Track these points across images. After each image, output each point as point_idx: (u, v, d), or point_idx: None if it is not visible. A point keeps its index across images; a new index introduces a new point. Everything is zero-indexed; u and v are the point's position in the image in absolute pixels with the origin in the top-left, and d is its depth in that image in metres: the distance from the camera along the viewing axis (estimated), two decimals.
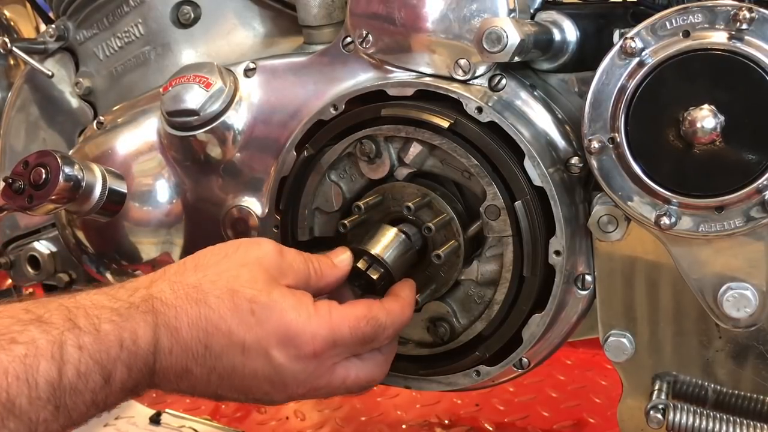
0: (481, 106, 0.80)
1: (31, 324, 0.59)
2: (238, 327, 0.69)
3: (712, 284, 0.78)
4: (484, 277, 0.86)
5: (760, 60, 0.71)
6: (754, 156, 0.73)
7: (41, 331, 0.59)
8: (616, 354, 0.84)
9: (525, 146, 0.79)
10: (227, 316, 0.69)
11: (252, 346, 0.70)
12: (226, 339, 0.69)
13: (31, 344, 0.57)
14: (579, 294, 0.84)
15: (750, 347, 0.80)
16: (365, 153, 0.85)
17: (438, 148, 0.82)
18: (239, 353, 0.69)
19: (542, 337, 0.85)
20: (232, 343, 0.69)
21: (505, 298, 0.84)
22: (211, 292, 0.70)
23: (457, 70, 0.83)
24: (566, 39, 0.84)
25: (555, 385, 1.45)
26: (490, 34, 0.77)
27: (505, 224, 0.81)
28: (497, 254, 0.84)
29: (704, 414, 0.78)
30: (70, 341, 0.60)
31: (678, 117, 0.73)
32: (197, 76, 0.93)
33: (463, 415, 1.39)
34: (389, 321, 0.76)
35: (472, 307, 0.87)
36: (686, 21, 0.73)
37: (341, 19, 0.91)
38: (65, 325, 0.60)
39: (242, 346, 0.69)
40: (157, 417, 1.40)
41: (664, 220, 0.76)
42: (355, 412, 1.42)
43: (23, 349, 0.57)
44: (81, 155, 1.00)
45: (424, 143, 0.84)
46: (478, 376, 0.87)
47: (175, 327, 0.67)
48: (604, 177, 0.78)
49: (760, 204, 0.73)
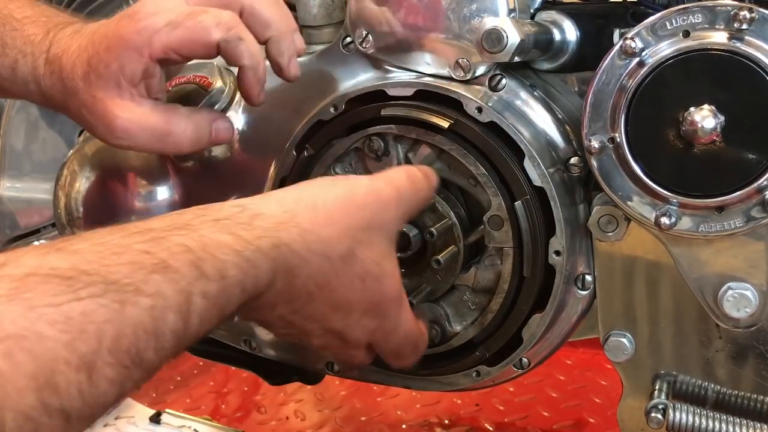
0: (481, 106, 0.80)
1: (155, 272, 0.54)
2: (344, 288, 0.70)
3: (713, 284, 0.78)
4: (480, 285, 0.86)
5: (760, 60, 0.71)
6: (754, 156, 0.73)
7: (167, 280, 0.54)
8: (616, 354, 0.84)
9: (525, 146, 0.79)
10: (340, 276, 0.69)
11: (343, 307, 0.71)
12: (328, 294, 0.69)
13: (157, 296, 0.53)
14: (579, 294, 0.84)
15: (750, 347, 0.80)
16: (373, 150, 0.85)
17: (446, 152, 0.82)
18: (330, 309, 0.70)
19: (542, 337, 0.85)
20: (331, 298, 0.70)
21: (500, 307, 0.83)
22: (337, 251, 0.69)
23: (457, 70, 0.83)
24: (566, 39, 0.84)
25: (555, 385, 1.45)
26: (491, 34, 0.77)
27: (507, 235, 0.81)
28: (496, 263, 0.84)
29: (704, 414, 0.78)
30: (197, 291, 0.56)
31: (678, 117, 0.73)
32: (197, 76, 0.93)
33: (463, 415, 1.39)
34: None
35: (466, 313, 0.87)
36: (686, 21, 0.73)
37: (341, 19, 0.91)
38: (192, 274, 0.56)
39: (336, 304, 0.70)
40: (157, 417, 1.40)
41: (664, 220, 0.76)
42: (355, 412, 1.42)
43: (150, 300, 0.52)
44: (81, 155, 1.00)
45: (433, 147, 0.84)
46: (478, 376, 0.87)
47: (294, 275, 0.66)
48: (604, 177, 0.78)
49: (760, 204, 0.74)
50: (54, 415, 0.45)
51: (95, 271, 0.51)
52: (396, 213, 0.74)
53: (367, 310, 0.73)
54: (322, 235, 0.68)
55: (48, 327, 0.46)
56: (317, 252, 0.67)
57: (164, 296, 0.54)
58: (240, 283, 0.60)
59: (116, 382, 0.49)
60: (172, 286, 0.54)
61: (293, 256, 0.65)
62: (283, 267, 0.64)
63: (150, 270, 0.54)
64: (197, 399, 1.54)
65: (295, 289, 0.66)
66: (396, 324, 0.76)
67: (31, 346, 0.45)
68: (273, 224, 0.65)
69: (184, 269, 0.56)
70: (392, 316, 0.76)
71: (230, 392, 1.55)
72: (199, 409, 1.49)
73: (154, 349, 0.53)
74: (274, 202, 0.68)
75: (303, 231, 0.66)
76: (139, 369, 0.51)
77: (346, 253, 0.69)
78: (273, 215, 0.66)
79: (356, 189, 0.72)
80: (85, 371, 0.47)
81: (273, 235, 0.64)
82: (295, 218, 0.67)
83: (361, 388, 1.46)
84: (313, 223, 0.67)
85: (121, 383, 0.50)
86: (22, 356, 0.44)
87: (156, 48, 0.77)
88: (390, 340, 0.77)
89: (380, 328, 0.75)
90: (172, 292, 0.54)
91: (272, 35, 0.81)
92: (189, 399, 1.55)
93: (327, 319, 0.71)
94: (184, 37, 0.77)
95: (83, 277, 0.50)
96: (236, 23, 0.78)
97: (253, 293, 0.62)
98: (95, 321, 0.48)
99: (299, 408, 1.44)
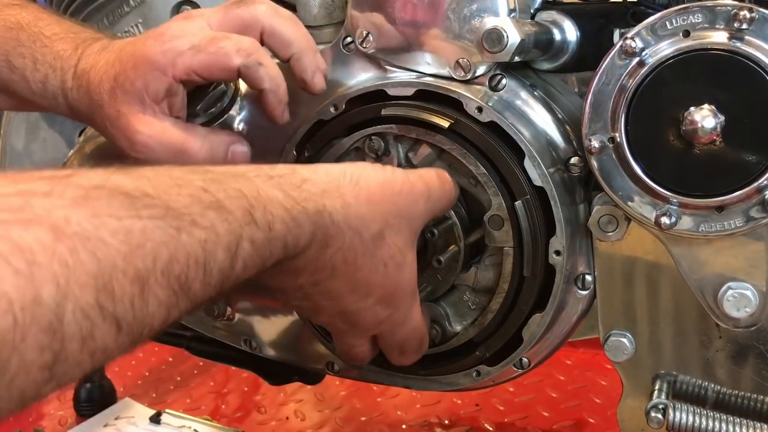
0: (481, 106, 0.80)
1: (211, 209, 0.56)
2: (367, 269, 0.72)
3: (713, 284, 0.78)
4: (480, 285, 0.86)
5: (760, 60, 0.71)
6: (754, 156, 0.73)
7: (221, 219, 0.57)
8: (616, 354, 0.84)
9: (525, 146, 0.79)
10: (367, 256, 0.71)
11: (362, 289, 0.73)
12: (351, 272, 0.71)
13: (210, 230, 0.55)
14: (579, 294, 0.84)
15: (750, 347, 0.80)
16: (373, 150, 0.86)
17: (447, 152, 0.82)
18: (349, 289, 0.72)
19: (542, 336, 0.85)
20: (353, 278, 0.72)
21: (500, 307, 0.83)
22: (370, 230, 0.71)
23: (458, 69, 0.83)
24: (566, 39, 0.84)
25: (555, 385, 1.45)
26: (491, 33, 0.77)
27: (507, 235, 0.81)
28: (496, 263, 0.84)
29: (704, 414, 0.78)
30: (246, 235, 0.58)
31: (678, 117, 0.73)
32: None
33: (463, 415, 1.39)
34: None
35: (466, 312, 0.87)
36: (686, 21, 0.73)
37: (341, 19, 0.91)
38: (244, 218, 0.59)
39: (356, 284, 0.72)
40: (157, 417, 1.40)
41: (664, 220, 0.76)
42: (355, 412, 1.42)
43: (204, 234, 0.54)
44: (81, 155, 1.00)
45: (433, 146, 0.84)
46: (478, 376, 0.87)
47: (327, 244, 0.68)
48: (605, 177, 0.78)
49: (760, 204, 0.74)
50: (108, 320, 0.46)
51: (157, 196, 0.53)
52: (424, 207, 0.76)
53: (382, 297, 0.75)
54: (360, 211, 0.70)
55: (109, 236, 0.48)
56: (353, 226, 0.69)
57: (217, 232, 0.56)
58: (283, 238, 0.63)
59: (164, 304, 0.51)
60: (225, 226, 0.57)
61: (332, 225, 0.67)
62: (320, 234, 0.67)
63: (206, 206, 0.56)
64: (197, 399, 1.54)
65: (324, 259, 0.68)
66: (406, 316, 0.78)
67: (94, 248, 0.46)
68: (319, 190, 0.68)
69: (238, 212, 0.58)
70: (404, 307, 0.77)
71: (230, 392, 1.55)
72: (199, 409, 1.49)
73: (201, 282, 0.54)
74: (322, 171, 0.71)
75: (345, 203, 0.69)
76: (185, 298, 0.53)
77: (377, 233, 0.72)
78: (320, 182, 0.69)
79: (395, 176, 0.75)
80: (138, 285, 0.49)
81: (318, 200, 0.67)
82: (340, 189, 0.70)
83: (361, 388, 1.46)
84: (355, 198, 0.70)
85: (168, 308, 0.51)
86: (85, 255, 0.46)
87: (179, 69, 0.80)
88: (397, 332, 0.79)
89: (390, 319, 0.77)
90: (224, 231, 0.56)
91: (294, 52, 0.84)
92: (189, 399, 1.55)
93: (343, 299, 0.73)
94: (206, 62, 0.80)
95: (146, 199, 0.52)
96: (256, 49, 0.81)
97: (290, 253, 0.64)
98: (153, 240, 0.50)
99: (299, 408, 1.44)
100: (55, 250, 0.44)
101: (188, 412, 1.44)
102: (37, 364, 0.43)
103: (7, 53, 0.87)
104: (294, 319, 0.97)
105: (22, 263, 0.42)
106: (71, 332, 0.44)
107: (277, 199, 0.63)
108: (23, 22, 0.88)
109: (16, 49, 0.87)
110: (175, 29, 0.82)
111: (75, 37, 0.87)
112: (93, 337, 0.46)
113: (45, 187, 0.47)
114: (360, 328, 0.77)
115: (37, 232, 0.44)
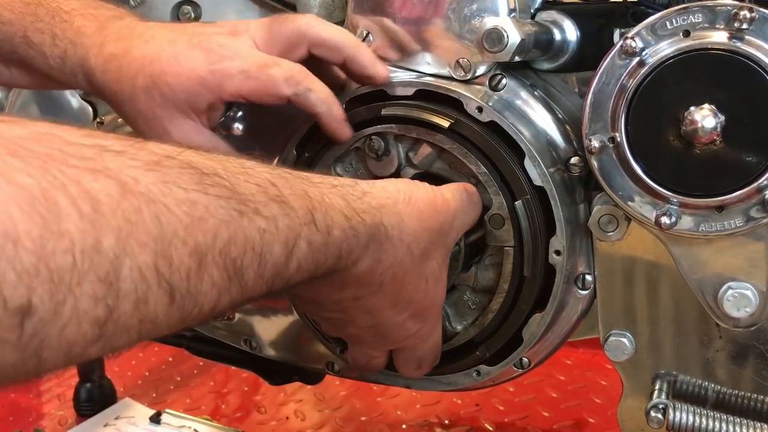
0: (481, 106, 0.80)
1: (274, 201, 0.57)
2: (411, 285, 0.73)
3: (713, 284, 0.78)
4: (480, 284, 0.85)
5: (761, 60, 0.71)
6: (754, 155, 0.73)
7: (283, 213, 0.57)
8: (617, 354, 0.84)
9: (525, 146, 0.79)
10: (414, 273, 0.73)
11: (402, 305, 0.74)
12: (398, 288, 0.72)
13: (271, 221, 0.55)
14: (579, 294, 0.84)
15: (750, 347, 0.80)
16: (374, 150, 0.85)
17: (447, 151, 0.82)
18: (390, 304, 0.73)
19: (542, 336, 0.84)
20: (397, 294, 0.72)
21: (500, 307, 0.83)
22: (420, 246, 0.72)
23: (458, 69, 0.83)
24: (566, 39, 0.84)
25: (555, 385, 1.45)
26: (491, 33, 0.77)
27: (508, 234, 0.81)
28: (496, 263, 0.84)
29: (705, 414, 0.78)
30: (305, 234, 0.58)
31: (678, 116, 0.73)
32: None
33: (463, 415, 1.39)
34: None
35: (466, 312, 0.87)
36: (686, 21, 0.73)
37: (341, 19, 0.91)
38: (305, 218, 0.59)
39: (398, 299, 0.73)
40: (157, 417, 1.40)
41: (664, 220, 0.76)
42: (355, 412, 1.42)
43: (264, 224, 0.55)
44: None
45: (434, 146, 0.84)
46: (478, 375, 0.87)
47: (380, 260, 0.68)
48: (605, 177, 0.78)
49: (760, 204, 0.74)
50: (162, 286, 0.46)
51: (227, 178, 0.53)
52: (458, 224, 0.78)
53: (416, 313, 0.76)
54: (413, 228, 0.71)
55: (175, 204, 0.47)
56: (405, 243, 0.70)
57: (277, 225, 0.56)
58: (339, 246, 0.63)
59: (216, 286, 0.50)
60: (286, 221, 0.57)
61: (386, 241, 0.68)
62: (375, 248, 0.67)
63: (271, 197, 0.57)
64: (197, 399, 1.54)
65: (373, 275, 0.69)
66: (431, 332, 0.80)
67: (158, 212, 0.46)
68: (378, 205, 0.69)
69: (300, 210, 0.59)
70: (431, 323, 0.79)
71: (230, 392, 1.55)
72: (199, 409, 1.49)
73: (255, 272, 0.54)
74: (379, 186, 0.72)
75: (400, 220, 0.70)
76: (237, 285, 0.53)
77: (424, 250, 0.73)
78: (379, 197, 0.70)
79: (436, 195, 0.76)
80: (196, 259, 0.48)
81: (377, 214, 0.68)
82: (397, 206, 0.71)
83: (361, 388, 1.46)
84: (409, 215, 0.71)
85: (219, 291, 0.51)
86: (149, 216, 0.45)
87: (227, 92, 0.81)
88: (420, 347, 0.80)
89: (418, 333, 0.78)
90: (283, 225, 0.57)
91: (347, 55, 0.84)
92: (189, 399, 1.55)
93: (380, 314, 0.73)
94: (256, 89, 0.80)
95: (215, 178, 0.52)
96: (304, 76, 0.81)
97: (342, 264, 0.65)
98: (215, 218, 0.50)
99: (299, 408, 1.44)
100: (120, 204, 0.44)
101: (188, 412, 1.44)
102: (90, 315, 0.42)
103: (25, 29, 0.86)
104: (294, 319, 0.97)
105: (87, 207, 0.42)
106: (126, 289, 0.44)
107: (339, 206, 0.64)
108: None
109: (34, 24, 0.85)
110: (227, 49, 0.81)
111: (96, 14, 0.86)
112: (147, 301, 0.45)
113: (119, 146, 0.47)
114: (387, 342, 0.78)
115: (106, 183, 0.44)
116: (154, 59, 0.81)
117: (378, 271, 0.69)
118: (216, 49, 0.81)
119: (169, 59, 0.81)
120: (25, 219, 0.39)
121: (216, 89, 0.80)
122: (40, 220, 0.39)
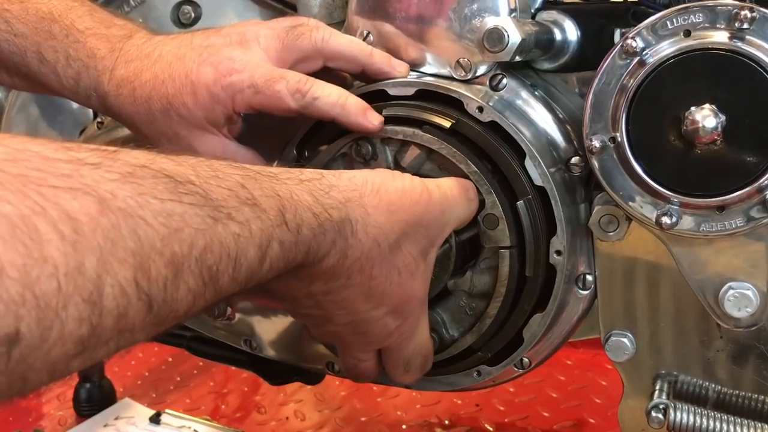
0: (482, 106, 0.80)
1: (246, 205, 0.57)
2: (382, 278, 0.72)
3: (713, 284, 0.78)
4: (477, 289, 0.84)
5: (761, 59, 0.71)
6: (754, 155, 0.73)
7: (255, 216, 0.57)
8: (617, 354, 0.84)
9: (526, 146, 0.79)
10: (383, 265, 0.72)
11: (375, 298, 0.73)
12: (366, 281, 0.71)
13: (245, 226, 0.56)
14: (580, 294, 0.84)
15: (751, 347, 0.80)
16: (361, 155, 0.85)
17: (436, 152, 0.82)
18: (362, 297, 0.72)
19: (543, 336, 0.84)
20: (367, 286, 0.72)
21: (498, 311, 0.82)
22: (388, 239, 0.72)
23: (458, 69, 0.83)
24: (567, 39, 0.84)
25: (555, 386, 1.45)
26: (492, 33, 0.77)
27: (503, 234, 0.80)
28: (492, 266, 0.83)
29: (705, 414, 0.78)
30: (276, 236, 0.59)
31: (679, 116, 0.73)
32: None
33: (464, 415, 1.39)
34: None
35: (463, 318, 0.86)
36: (687, 20, 0.73)
37: (342, 19, 0.91)
38: (276, 219, 0.59)
39: (369, 293, 0.72)
40: (157, 417, 1.40)
41: (665, 220, 0.76)
42: (355, 413, 1.42)
43: (238, 229, 0.55)
44: None
45: (422, 147, 0.83)
46: (479, 376, 0.87)
47: (346, 255, 0.68)
48: (605, 177, 0.78)
49: (760, 204, 0.74)
50: (142, 299, 0.47)
51: (199, 185, 0.54)
52: (443, 217, 0.77)
53: (393, 308, 0.75)
54: (379, 221, 0.71)
55: (152, 217, 0.48)
56: (371, 235, 0.70)
57: (251, 229, 0.57)
58: (308, 244, 0.63)
59: (192, 292, 0.51)
60: (258, 224, 0.58)
61: (351, 236, 0.68)
62: (341, 243, 0.67)
63: (242, 201, 0.57)
64: (197, 399, 1.54)
65: (340, 268, 0.69)
66: (414, 329, 0.78)
67: (135, 226, 0.47)
68: (344, 199, 0.69)
69: (271, 212, 0.59)
70: (413, 318, 0.78)
71: (230, 392, 1.55)
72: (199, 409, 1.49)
73: (230, 276, 0.55)
74: (345, 178, 0.71)
75: (365, 213, 0.70)
76: (212, 290, 0.53)
77: (394, 243, 0.72)
78: (345, 190, 0.70)
79: (413, 185, 0.76)
80: (172, 269, 0.49)
81: (342, 209, 0.68)
82: (363, 198, 0.70)
83: (361, 388, 1.46)
84: (375, 208, 0.71)
85: (195, 297, 0.52)
86: (127, 232, 0.46)
87: (239, 105, 0.81)
88: (404, 346, 0.79)
89: (399, 330, 0.77)
90: (257, 229, 0.57)
91: (363, 64, 0.85)
92: (189, 399, 1.55)
93: (355, 308, 0.73)
94: (264, 103, 0.81)
95: (188, 185, 0.52)
96: (308, 87, 0.81)
97: (309, 260, 0.65)
98: (191, 226, 0.51)
99: (299, 408, 1.44)
100: (99, 222, 0.44)
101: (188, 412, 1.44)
102: (75, 335, 0.42)
103: (38, 44, 0.86)
104: (294, 320, 0.96)
105: (68, 229, 0.42)
106: (109, 307, 0.44)
107: (307, 204, 0.64)
108: (55, 12, 0.86)
109: (47, 42, 0.86)
110: (235, 61, 0.81)
111: (108, 34, 0.86)
112: (126, 314, 0.46)
113: (95, 158, 0.48)
114: (368, 340, 0.77)
115: (84, 201, 0.44)
116: (166, 79, 0.81)
117: (345, 265, 0.69)
118: (225, 62, 0.81)
119: (181, 78, 0.81)
120: (7, 249, 0.39)
121: (229, 103, 0.81)
122: (23, 248, 0.40)
